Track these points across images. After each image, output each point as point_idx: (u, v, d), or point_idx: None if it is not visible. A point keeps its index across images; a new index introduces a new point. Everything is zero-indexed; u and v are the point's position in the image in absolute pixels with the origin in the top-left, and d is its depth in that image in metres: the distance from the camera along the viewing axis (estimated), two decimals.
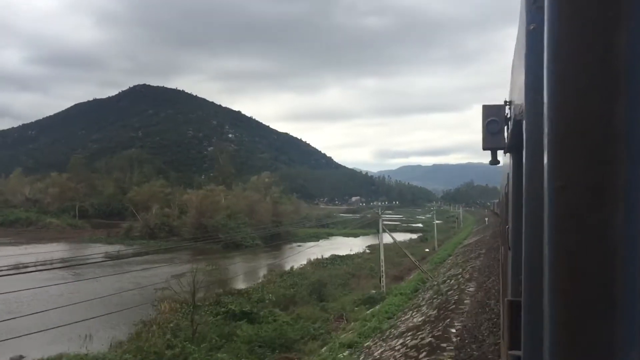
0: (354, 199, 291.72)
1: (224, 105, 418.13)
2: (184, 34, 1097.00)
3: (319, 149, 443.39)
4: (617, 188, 0.86)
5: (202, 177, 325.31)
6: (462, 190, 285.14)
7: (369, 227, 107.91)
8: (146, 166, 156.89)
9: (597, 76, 0.86)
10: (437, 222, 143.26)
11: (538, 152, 1.22)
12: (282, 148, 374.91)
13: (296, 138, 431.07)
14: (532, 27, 1.34)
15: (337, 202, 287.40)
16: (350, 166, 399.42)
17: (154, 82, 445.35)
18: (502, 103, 2.58)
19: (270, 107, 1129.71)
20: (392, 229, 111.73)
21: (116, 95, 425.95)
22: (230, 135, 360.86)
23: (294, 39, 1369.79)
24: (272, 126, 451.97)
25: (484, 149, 2.56)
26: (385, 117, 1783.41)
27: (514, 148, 2.30)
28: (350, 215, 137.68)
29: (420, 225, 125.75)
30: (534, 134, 1.34)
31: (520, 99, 1.65)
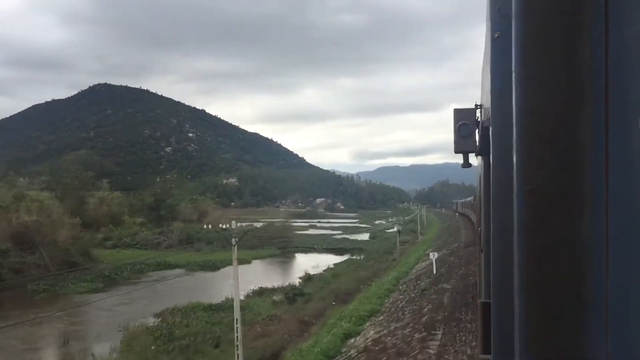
0: (318, 200, 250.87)
1: (194, 105, 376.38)
2: (154, 33, 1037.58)
3: (292, 150, 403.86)
4: (583, 191, 0.85)
5: (158, 179, 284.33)
6: (437, 190, 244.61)
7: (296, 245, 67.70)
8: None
9: (562, 82, 0.85)
10: (393, 229, 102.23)
11: (505, 157, 1.19)
12: (248, 148, 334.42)
13: (266, 138, 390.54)
14: (496, 35, 1.29)
15: (300, 204, 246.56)
16: (327, 168, 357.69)
17: (125, 83, 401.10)
18: (473, 107, 2.49)
19: (246, 109, 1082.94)
20: (311, 248, 70.17)
21: (75, 95, 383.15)
22: (190, 135, 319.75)
23: (267, 38, 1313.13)
24: (248, 128, 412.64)
25: (456, 152, 2.48)
26: (363, 118, 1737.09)
27: (484, 151, 2.22)
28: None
29: (366, 237, 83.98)
30: (500, 140, 1.29)
31: (488, 103, 1.58)
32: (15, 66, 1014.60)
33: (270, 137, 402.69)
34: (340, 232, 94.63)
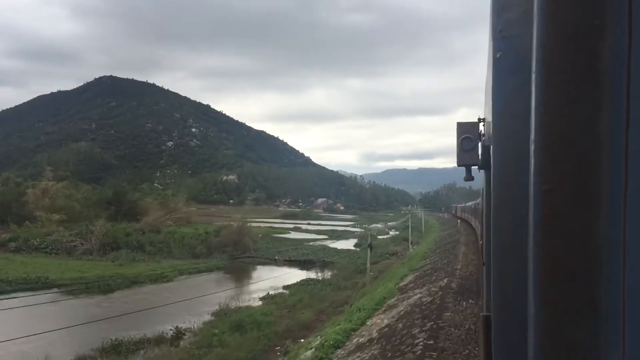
0: (319, 200, 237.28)
1: (202, 102, 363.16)
2: (164, 29, 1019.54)
3: (298, 149, 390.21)
4: (601, 192, 0.83)
5: (158, 173, 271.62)
6: (442, 193, 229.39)
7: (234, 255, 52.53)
8: None
9: (583, 84, 0.84)
10: (386, 235, 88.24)
11: (504, 176, 1.18)
12: (252, 145, 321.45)
13: (272, 136, 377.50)
14: (498, 55, 1.27)
15: (300, 203, 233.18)
16: (334, 169, 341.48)
17: (133, 77, 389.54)
18: (476, 120, 2.52)
19: (254, 108, 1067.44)
20: (272, 259, 55.47)
21: (80, 87, 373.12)
22: (193, 130, 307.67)
23: (276, 37, 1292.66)
24: (256, 126, 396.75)
25: (459, 165, 2.49)
26: (371, 119, 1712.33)
27: (487, 166, 2.24)
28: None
29: (351, 244, 70.36)
30: (501, 159, 1.25)
31: (490, 117, 1.54)
32: (26, 58, 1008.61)
33: (276, 136, 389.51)
34: (325, 236, 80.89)
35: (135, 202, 75.17)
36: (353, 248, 63.10)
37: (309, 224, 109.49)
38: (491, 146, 1.31)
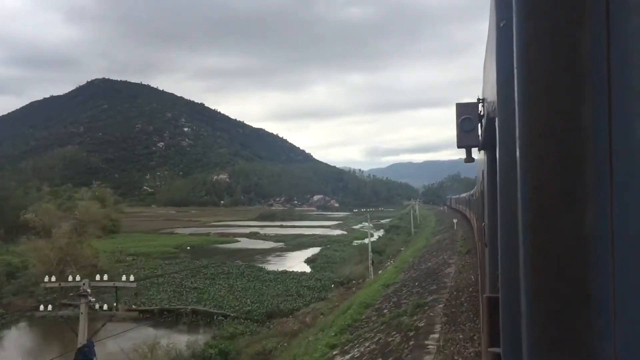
0: (316, 197, 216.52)
1: (197, 101, 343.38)
2: (162, 30, 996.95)
3: (299, 146, 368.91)
4: (587, 187, 0.82)
5: (148, 176, 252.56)
6: (447, 185, 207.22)
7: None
8: None
9: (563, 76, 0.83)
10: (363, 240, 67.00)
11: (512, 149, 1.14)
12: (247, 143, 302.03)
13: (270, 133, 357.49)
14: (502, 24, 1.22)
15: (296, 201, 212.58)
16: (340, 165, 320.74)
17: (128, 79, 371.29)
18: (475, 101, 2.42)
19: (255, 107, 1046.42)
20: (105, 311, 34.73)
21: (72, 91, 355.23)
22: (185, 129, 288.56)
23: (276, 35, 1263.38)
24: (257, 125, 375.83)
25: (459, 146, 2.42)
26: (374, 114, 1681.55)
27: (488, 145, 2.17)
28: None
29: (308, 254, 49.59)
30: (507, 131, 1.20)
31: (492, 96, 1.50)
32: (23, 65, 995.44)
33: (276, 133, 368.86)
34: (282, 244, 59.81)
35: (23, 209, 54.30)
36: (301, 268, 41.64)
37: (281, 226, 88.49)
38: (497, 119, 1.19)
